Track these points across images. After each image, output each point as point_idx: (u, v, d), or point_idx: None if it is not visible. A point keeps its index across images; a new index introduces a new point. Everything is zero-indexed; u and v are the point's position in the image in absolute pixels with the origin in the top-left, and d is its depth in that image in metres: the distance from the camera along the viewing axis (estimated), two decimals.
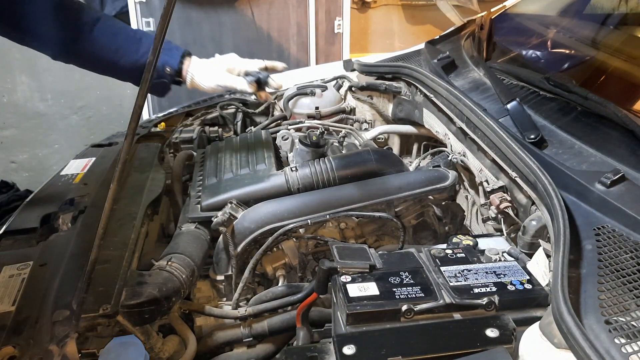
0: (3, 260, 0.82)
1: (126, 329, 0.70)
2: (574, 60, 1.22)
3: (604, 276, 0.60)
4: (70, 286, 0.73)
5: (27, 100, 2.56)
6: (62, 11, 0.93)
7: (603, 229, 0.67)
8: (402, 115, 1.33)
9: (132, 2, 2.17)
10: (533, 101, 0.99)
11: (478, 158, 0.98)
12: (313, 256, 0.95)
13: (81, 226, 0.88)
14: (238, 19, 2.32)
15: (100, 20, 0.96)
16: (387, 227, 0.99)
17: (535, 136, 0.86)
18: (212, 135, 1.34)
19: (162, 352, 0.74)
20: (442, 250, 0.74)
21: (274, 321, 0.82)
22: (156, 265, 0.80)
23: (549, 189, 0.72)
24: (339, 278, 0.67)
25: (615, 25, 1.30)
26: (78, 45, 0.95)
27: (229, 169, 1.04)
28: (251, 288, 0.93)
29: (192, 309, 0.84)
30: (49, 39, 0.94)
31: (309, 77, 1.49)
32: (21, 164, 2.68)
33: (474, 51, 1.25)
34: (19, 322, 0.69)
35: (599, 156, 0.80)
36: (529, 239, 0.78)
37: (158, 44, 0.52)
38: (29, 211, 0.99)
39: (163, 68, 1.00)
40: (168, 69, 1.00)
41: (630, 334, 0.52)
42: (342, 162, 1.02)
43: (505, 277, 0.68)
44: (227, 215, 0.90)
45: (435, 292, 0.64)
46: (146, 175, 1.06)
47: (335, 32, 2.44)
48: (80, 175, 1.12)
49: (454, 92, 1.02)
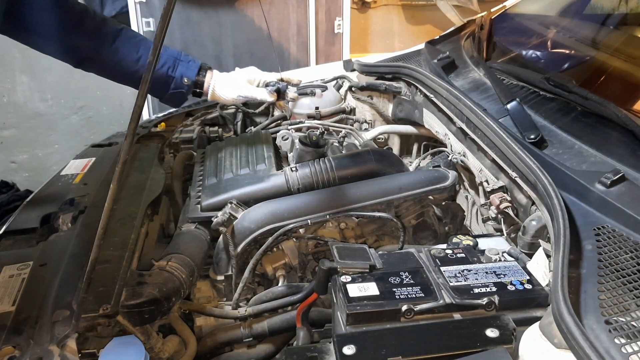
0: (3, 260, 0.82)
1: (126, 329, 0.70)
2: (574, 60, 1.22)
3: (604, 276, 0.60)
4: (71, 286, 0.73)
5: (27, 100, 2.56)
6: (86, 23, 0.98)
7: (603, 229, 0.67)
8: (402, 116, 1.33)
9: (132, 2, 2.17)
10: (533, 101, 0.99)
11: (478, 158, 0.98)
12: (313, 256, 0.95)
13: (81, 226, 0.88)
14: (238, 19, 2.32)
15: (122, 31, 1.01)
16: (387, 227, 0.99)
17: (535, 136, 0.86)
18: (212, 136, 1.34)
19: (162, 352, 0.74)
20: (442, 250, 0.74)
21: (274, 321, 0.82)
22: (156, 265, 0.80)
23: (549, 189, 0.72)
24: (339, 278, 0.67)
25: (615, 26, 1.30)
26: (100, 56, 1.00)
27: (229, 169, 1.04)
28: (251, 288, 0.93)
29: (192, 309, 0.85)
30: (72, 49, 0.99)
31: (309, 77, 1.49)
32: (21, 164, 2.68)
33: (474, 51, 1.25)
34: (19, 322, 0.69)
35: (599, 156, 0.80)
36: (529, 239, 0.78)
37: (158, 43, 0.52)
38: (29, 211, 0.99)
39: (181, 79, 1.05)
40: (186, 80, 1.05)
41: (630, 334, 0.52)
42: (342, 162, 1.02)
43: (505, 277, 0.68)
44: (227, 215, 0.90)
45: (435, 292, 0.64)
46: (146, 176, 1.06)
47: (335, 32, 2.44)
48: (80, 176, 1.12)
49: (454, 92, 1.02)
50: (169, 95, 1.07)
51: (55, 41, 0.96)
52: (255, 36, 2.36)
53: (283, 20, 2.37)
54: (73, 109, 2.65)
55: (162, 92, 1.07)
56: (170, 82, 1.05)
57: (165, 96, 1.08)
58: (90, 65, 1.02)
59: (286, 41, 2.42)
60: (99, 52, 0.99)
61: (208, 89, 1.07)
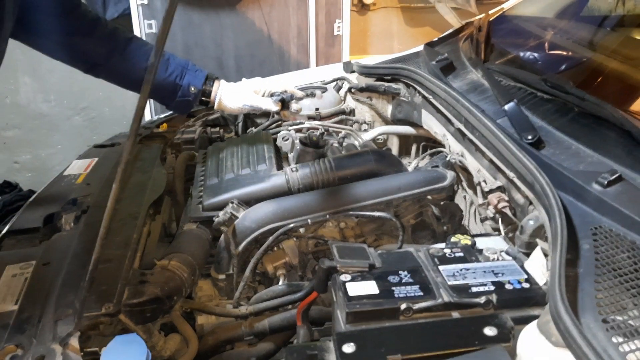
0: (6, 259, 0.83)
1: (128, 327, 0.70)
2: (571, 61, 1.22)
3: (601, 275, 0.60)
4: (73, 285, 0.73)
5: (30, 101, 2.57)
6: (97, 31, 1.00)
7: (600, 228, 0.68)
8: (401, 116, 1.34)
9: (135, 4, 2.18)
10: (530, 102, 1.00)
11: (476, 158, 0.99)
12: (313, 255, 0.96)
13: (84, 226, 0.89)
14: (239, 21, 2.33)
15: (132, 40, 1.04)
16: (386, 226, 1.00)
17: (532, 137, 0.86)
18: (213, 136, 1.35)
19: (163, 351, 0.75)
20: (440, 249, 0.74)
21: (274, 320, 0.83)
22: (158, 264, 0.80)
23: (546, 189, 0.72)
24: (338, 277, 0.67)
25: (612, 27, 1.31)
26: (110, 63, 1.03)
27: (230, 169, 1.05)
28: (252, 287, 0.94)
29: (194, 307, 0.85)
30: (83, 56, 1.02)
31: (309, 79, 1.49)
32: (24, 164, 2.68)
33: (472, 53, 1.26)
34: (22, 321, 0.69)
35: (596, 157, 0.80)
36: (526, 239, 0.78)
37: (160, 46, 0.53)
38: (32, 211, 1.00)
39: (188, 87, 1.07)
40: (193, 88, 1.08)
41: (628, 332, 0.53)
42: (341, 163, 1.03)
43: (503, 276, 0.68)
44: (229, 215, 0.91)
45: (433, 290, 0.65)
46: (148, 176, 1.07)
47: (335, 34, 2.44)
48: (82, 176, 1.12)
49: (452, 93, 1.03)
50: (176, 103, 1.10)
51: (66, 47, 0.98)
52: (256, 38, 2.37)
53: (283, 22, 2.38)
54: (76, 109, 2.66)
55: (169, 100, 1.09)
56: (178, 90, 1.07)
57: (172, 104, 1.10)
58: (100, 71, 1.05)
59: (286, 43, 2.43)
60: (109, 59, 1.02)
61: (215, 98, 1.10)
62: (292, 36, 2.42)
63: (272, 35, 2.38)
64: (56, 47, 0.98)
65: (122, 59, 1.02)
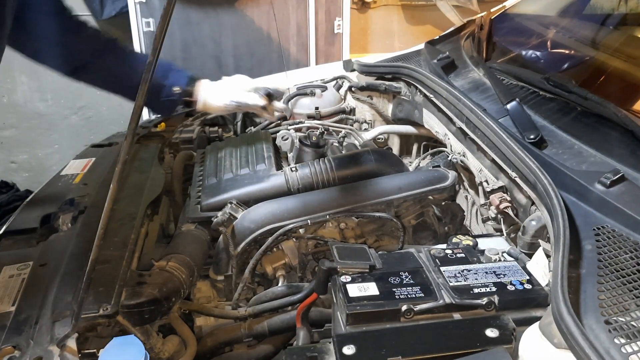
0: (3, 260, 0.82)
1: (126, 329, 0.70)
2: (574, 60, 1.22)
3: (603, 276, 0.60)
4: (71, 286, 0.73)
5: (27, 101, 2.56)
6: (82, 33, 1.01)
7: (603, 229, 0.67)
8: (401, 116, 1.33)
9: (132, 3, 2.17)
10: (533, 101, 0.99)
11: (478, 158, 0.98)
12: (313, 256, 0.95)
13: (81, 226, 0.88)
14: (238, 20, 2.32)
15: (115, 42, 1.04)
16: (387, 227, 0.99)
17: (535, 136, 0.86)
18: (212, 136, 1.34)
19: (162, 352, 0.74)
20: (441, 250, 0.74)
21: (273, 321, 0.82)
22: (156, 265, 0.80)
23: (548, 189, 0.72)
24: (338, 278, 0.67)
25: (615, 26, 1.30)
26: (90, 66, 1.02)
27: (228, 169, 1.04)
28: (251, 288, 0.93)
29: (192, 309, 0.85)
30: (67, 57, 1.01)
31: (309, 78, 1.49)
32: (21, 164, 2.68)
33: (474, 51, 1.25)
34: (19, 322, 0.69)
35: (598, 156, 0.80)
36: (528, 239, 0.78)
37: (158, 44, 0.52)
38: (29, 211, 0.99)
39: (171, 88, 1.06)
40: (176, 89, 1.07)
41: (630, 334, 0.52)
42: (341, 162, 1.02)
43: (505, 277, 0.68)
44: (227, 216, 0.90)
45: (435, 292, 0.64)
46: (146, 176, 1.06)
47: (335, 33, 2.43)
48: (80, 176, 1.12)
49: (454, 92, 1.02)
50: (160, 104, 1.09)
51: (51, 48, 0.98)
52: (255, 36, 2.36)
53: (283, 20, 2.37)
54: (73, 109, 2.65)
55: (152, 101, 1.08)
56: (161, 90, 1.06)
57: (156, 104, 1.10)
58: (83, 74, 1.04)
59: (286, 41, 2.42)
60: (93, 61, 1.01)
61: (199, 97, 1.09)
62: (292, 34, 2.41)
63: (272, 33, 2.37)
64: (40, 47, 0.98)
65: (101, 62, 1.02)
